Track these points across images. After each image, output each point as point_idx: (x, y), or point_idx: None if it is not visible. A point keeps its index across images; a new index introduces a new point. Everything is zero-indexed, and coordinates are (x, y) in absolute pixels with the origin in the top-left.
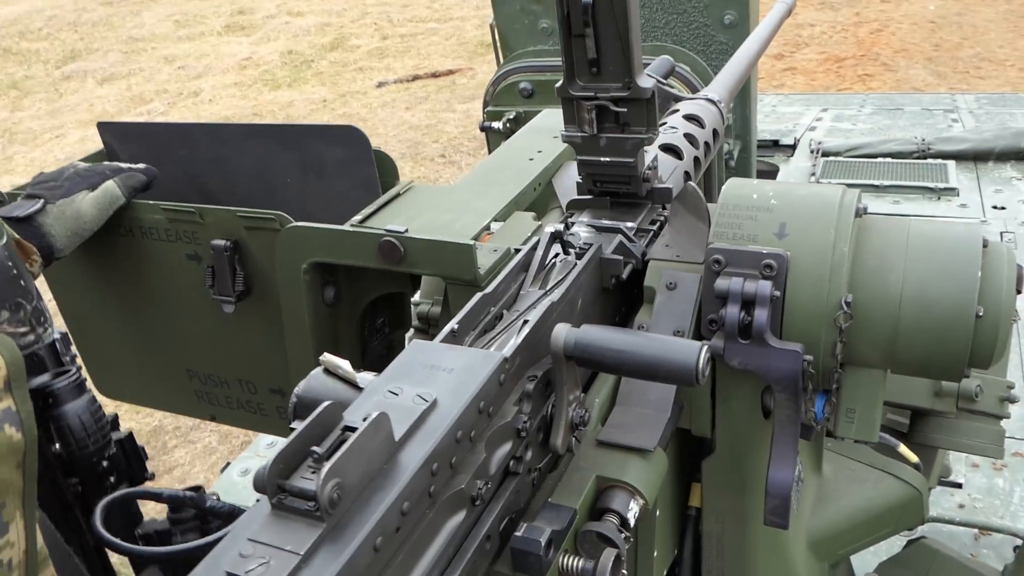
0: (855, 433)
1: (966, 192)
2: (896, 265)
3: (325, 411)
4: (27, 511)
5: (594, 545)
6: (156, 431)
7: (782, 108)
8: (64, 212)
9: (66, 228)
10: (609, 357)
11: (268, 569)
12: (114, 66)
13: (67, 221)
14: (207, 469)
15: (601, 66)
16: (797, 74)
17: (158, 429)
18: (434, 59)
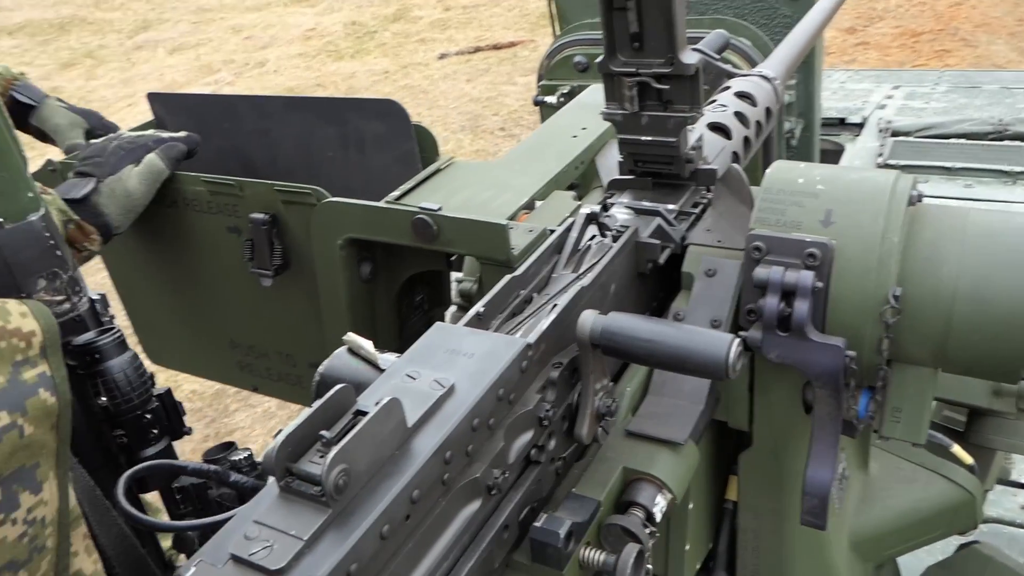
0: (901, 433)
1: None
2: (951, 257)
3: (337, 394)
4: (60, 471)
5: (618, 539)
6: (218, 394)
7: (851, 85)
8: (115, 190)
9: (119, 206)
10: (636, 347)
11: (271, 553)
12: (183, 36)
13: (119, 199)
14: (266, 432)
15: (643, 40)
16: (870, 49)
17: (220, 392)
18: (496, 31)
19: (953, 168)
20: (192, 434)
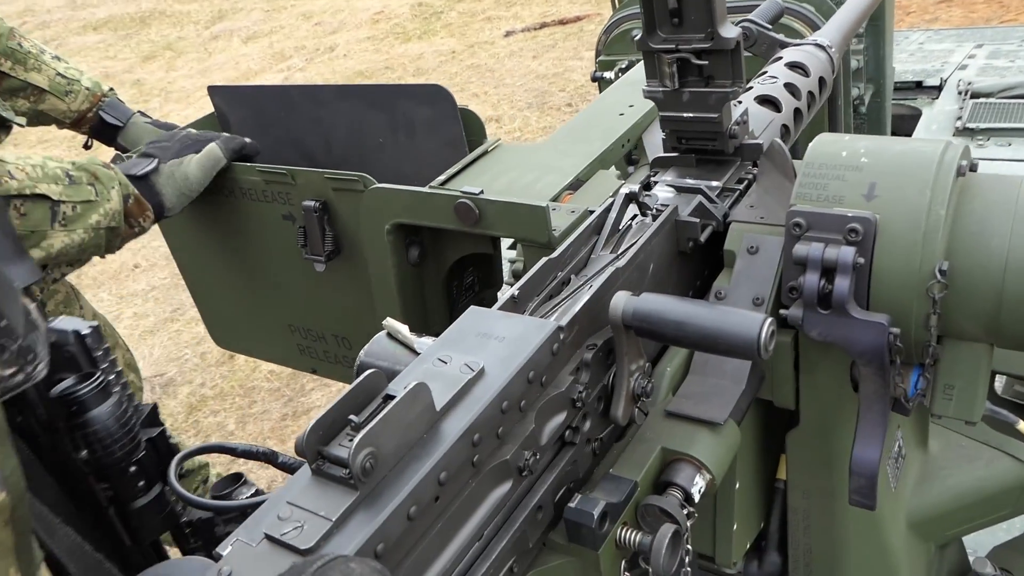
0: (954, 411)
1: None
2: (1001, 229)
3: (367, 379)
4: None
5: (656, 519)
6: (295, 374)
7: (930, 46)
8: (174, 173)
9: (176, 188)
10: (668, 328)
11: (302, 532)
12: (257, 24)
13: (176, 182)
14: None
15: (682, 16)
16: (953, 7)
17: (296, 372)
18: (562, 5)
19: None
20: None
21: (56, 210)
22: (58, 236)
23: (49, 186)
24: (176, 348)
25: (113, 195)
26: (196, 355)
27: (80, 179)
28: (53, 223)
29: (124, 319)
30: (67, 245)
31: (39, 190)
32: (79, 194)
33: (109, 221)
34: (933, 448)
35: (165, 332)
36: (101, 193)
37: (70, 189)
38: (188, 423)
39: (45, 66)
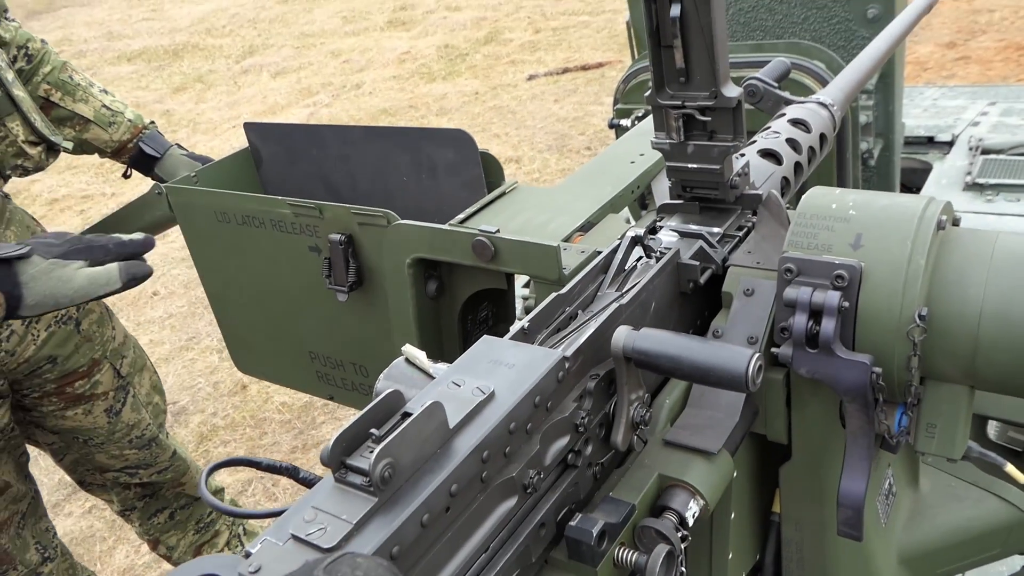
0: (936, 449)
1: None
2: (977, 280)
3: (388, 397)
4: None
5: (651, 540)
6: (306, 407)
7: (944, 102)
8: (51, 272)
9: (46, 288)
10: (664, 361)
11: (325, 533)
12: (286, 60)
13: (51, 282)
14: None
15: (689, 75)
16: (971, 64)
17: (308, 405)
18: (584, 52)
19: None
20: (281, 446)
21: None
22: None
23: None
24: (190, 377)
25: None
26: (209, 384)
27: None
28: None
29: None
30: None
31: None
32: None
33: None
34: (924, 487)
35: (179, 360)
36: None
37: None
38: (199, 452)
39: (92, 98)
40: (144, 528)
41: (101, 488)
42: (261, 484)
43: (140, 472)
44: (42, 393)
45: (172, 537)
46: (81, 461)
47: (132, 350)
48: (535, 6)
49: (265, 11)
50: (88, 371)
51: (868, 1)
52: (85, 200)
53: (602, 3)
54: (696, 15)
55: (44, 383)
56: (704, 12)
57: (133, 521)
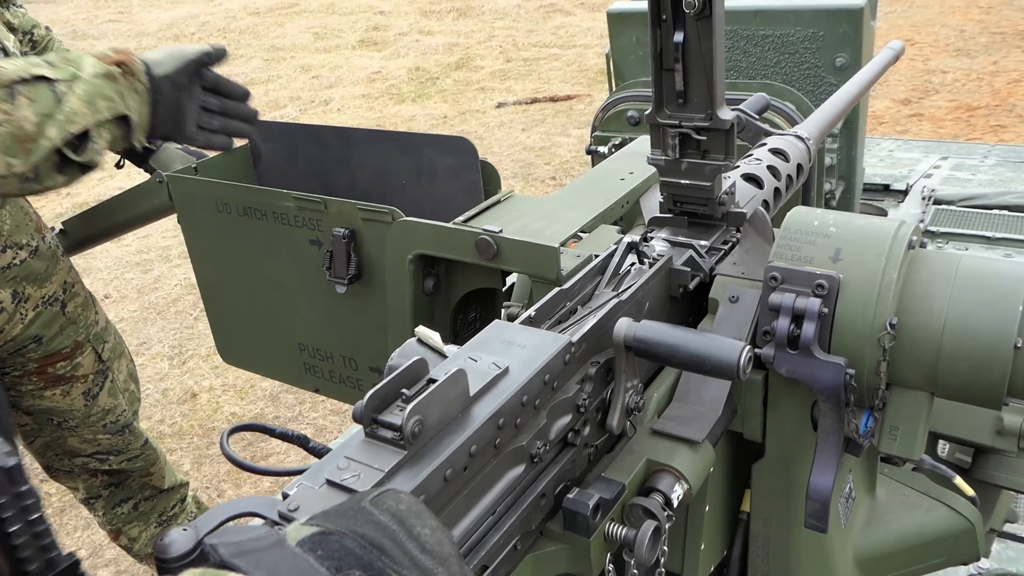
0: (897, 450)
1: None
2: (942, 294)
3: (415, 364)
4: None
5: (639, 518)
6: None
7: (899, 153)
8: None
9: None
10: (662, 349)
11: (359, 480)
12: (255, 71)
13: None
14: (301, 459)
15: (687, 98)
16: (924, 121)
17: (259, 416)
18: (554, 84)
19: (993, 238)
20: None
21: (55, 89)
22: (64, 108)
23: (41, 69)
24: None
25: (86, 59)
26: (158, 391)
27: (56, 61)
28: (59, 104)
29: None
30: (72, 108)
31: (35, 72)
32: (64, 72)
33: (95, 71)
34: (880, 495)
35: None
36: (77, 65)
37: (56, 70)
38: None
39: None
40: (107, 518)
41: (67, 475)
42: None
43: (110, 458)
44: (23, 372)
45: (134, 528)
46: (51, 445)
47: (113, 336)
48: (507, 36)
49: (236, 21)
50: (71, 353)
51: (837, 50)
52: None
53: (573, 38)
54: (698, 42)
55: (27, 362)
56: (705, 39)
57: (97, 510)
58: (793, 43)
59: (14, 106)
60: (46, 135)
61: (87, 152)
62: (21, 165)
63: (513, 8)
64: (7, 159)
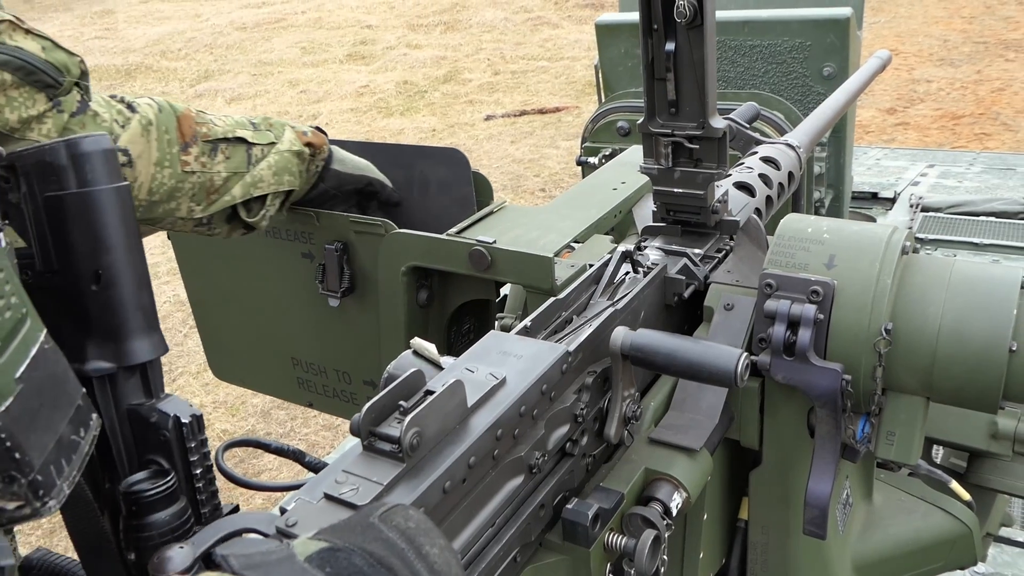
0: (894, 455)
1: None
2: (936, 299)
3: (412, 376)
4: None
5: (638, 527)
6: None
7: (886, 162)
8: None
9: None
10: (660, 357)
11: (357, 493)
12: (242, 87)
13: None
14: (293, 475)
15: (679, 107)
16: (909, 129)
17: (250, 433)
18: (542, 96)
19: (980, 244)
20: None
21: (250, 152)
22: (253, 170)
23: (243, 131)
24: None
25: (287, 131)
26: None
27: (261, 125)
28: (249, 165)
29: None
30: (261, 173)
31: (237, 134)
32: (263, 137)
33: (290, 146)
34: (877, 500)
35: None
36: (276, 134)
37: (256, 134)
38: None
39: None
40: None
41: None
42: None
43: None
44: None
45: None
46: None
47: None
48: (495, 48)
49: (223, 37)
50: None
51: (824, 60)
52: None
53: (561, 50)
54: (689, 51)
55: None
56: (697, 49)
57: None
58: (781, 53)
59: (212, 160)
60: (231, 191)
61: (257, 216)
62: (201, 212)
63: (501, 21)
64: (191, 205)
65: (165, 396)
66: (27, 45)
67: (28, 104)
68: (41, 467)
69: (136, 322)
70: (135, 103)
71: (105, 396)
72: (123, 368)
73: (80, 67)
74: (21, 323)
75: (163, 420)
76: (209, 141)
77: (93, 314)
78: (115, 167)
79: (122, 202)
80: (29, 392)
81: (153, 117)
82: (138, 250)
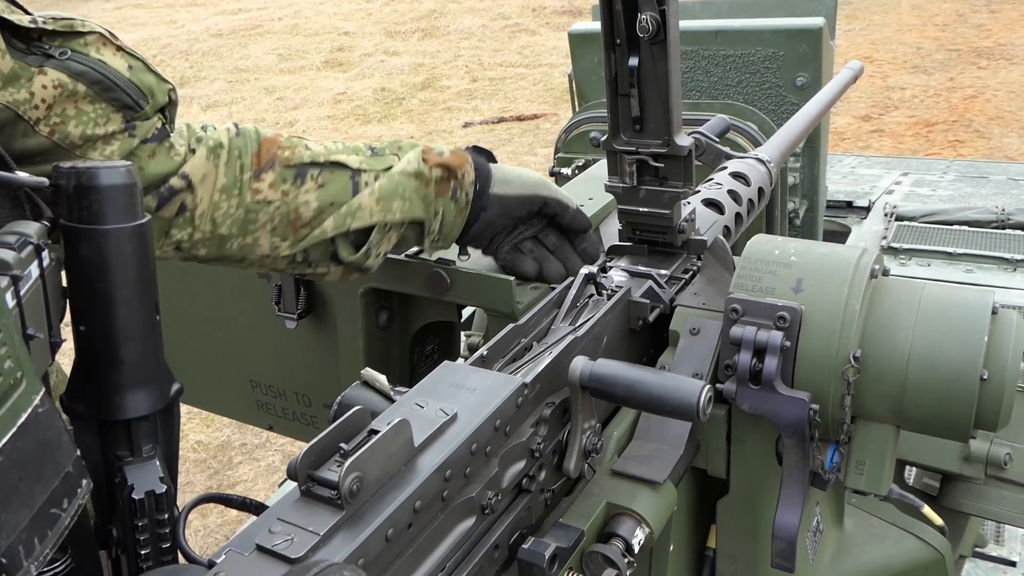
0: (864, 485)
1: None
2: (906, 325)
3: (355, 415)
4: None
5: (599, 566)
6: (223, 446)
7: (861, 170)
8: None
9: (508, 174)
10: (620, 389)
11: (291, 544)
12: (219, 94)
13: (508, 173)
14: (268, 487)
15: (644, 123)
16: (884, 136)
17: (225, 444)
18: (520, 103)
19: (955, 254)
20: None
21: (357, 180)
22: (352, 201)
23: (348, 156)
24: None
25: (412, 154)
26: None
27: (383, 151)
28: (356, 194)
29: None
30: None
31: (337, 158)
32: (382, 162)
33: (406, 166)
34: (848, 526)
35: None
36: (404, 153)
37: (372, 160)
38: None
39: None
40: None
41: None
42: None
43: None
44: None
45: None
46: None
47: (56, 374)
48: (473, 55)
49: (199, 43)
50: None
51: (797, 70)
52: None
53: (539, 57)
54: (653, 67)
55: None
56: (660, 64)
57: None
58: (754, 63)
59: (296, 188)
60: (322, 224)
61: (360, 254)
62: (289, 249)
63: (478, 28)
64: (274, 239)
65: (147, 456)
66: (113, 61)
67: (100, 121)
68: (7, 550)
69: (120, 376)
70: (211, 127)
71: (82, 438)
72: None
73: (169, 95)
74: (13, 389)
75: (121, 486)
76: (292, 166)
77: (80, 354)
78: (131, 204)
79: (127, 243)
80: (9, 465)
81: (226, 140)
82: (140, 299)
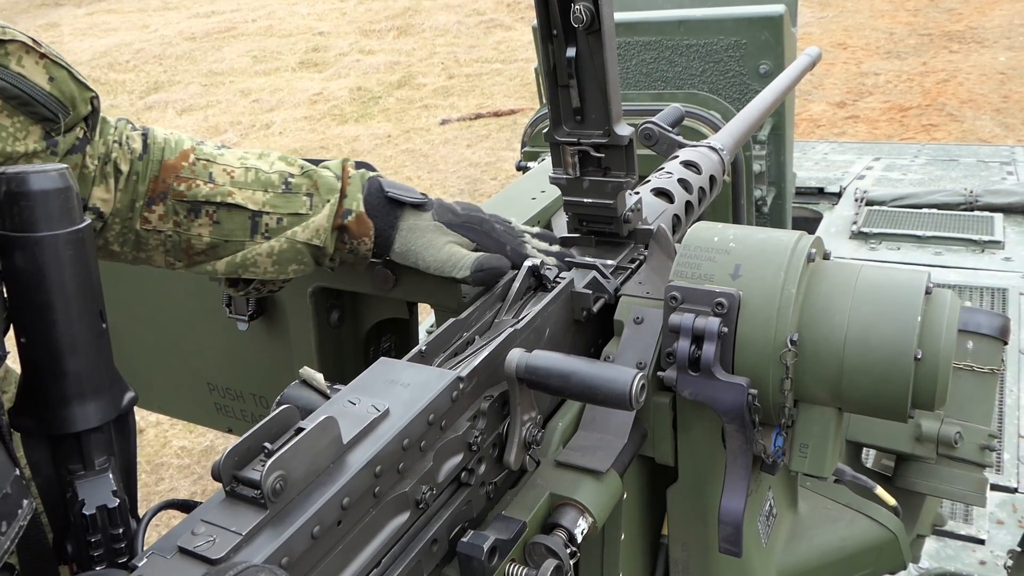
0: (808, 468)
1: (1012, 245)
2: (842, 308)
3: (281, 413)
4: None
5: (541, 557)
6: (206, 451)
7: (833, 156)
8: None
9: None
10: (555, 380)
11: (213, 545)
12: (193, 98)
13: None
14: None
15: (584, 114)
16: (859, 122)
17: (208, 449)
18: (497, 99)
19: (924, 237)
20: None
21: (256, 221)
22: (253, 248)
23: (253, 194)
24: None
25: (324, 210)
26: None
27: (299, 187)
28: (254, 235)
29: None
30: (256, 256)
31: (235, 200)
32: (289, 205)
33: (311, 237)
34: (802, 509)
35: None
36: (315, 207)
37: (280, 199)
38: None
39: None
40: None
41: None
42: None
43: None
44: None
45: None
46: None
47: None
48: (449, 52)
49: (172, 47)
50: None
51: (760, 58)
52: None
53: (514, 52)
54: (590, 58)
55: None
56: (597, 55)
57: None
58: (717, 52)
59: (189, 222)
60: (214, 261)
61: (241, 292)
62: (184, 267)
63: (454, 24)
64: (168, 258)
65: (100, 469)
66: (34, 72)
67: (19, 136)
68: None
69: (66, 388)
70: (129, 135)
71: (31, 453)
72: None
73: (92, 103)
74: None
75: (72, 501)
76: (185, 201)
77: (24, 367)
78: (66, 209)
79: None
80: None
81: (126, 166)
82: (82, 307)
